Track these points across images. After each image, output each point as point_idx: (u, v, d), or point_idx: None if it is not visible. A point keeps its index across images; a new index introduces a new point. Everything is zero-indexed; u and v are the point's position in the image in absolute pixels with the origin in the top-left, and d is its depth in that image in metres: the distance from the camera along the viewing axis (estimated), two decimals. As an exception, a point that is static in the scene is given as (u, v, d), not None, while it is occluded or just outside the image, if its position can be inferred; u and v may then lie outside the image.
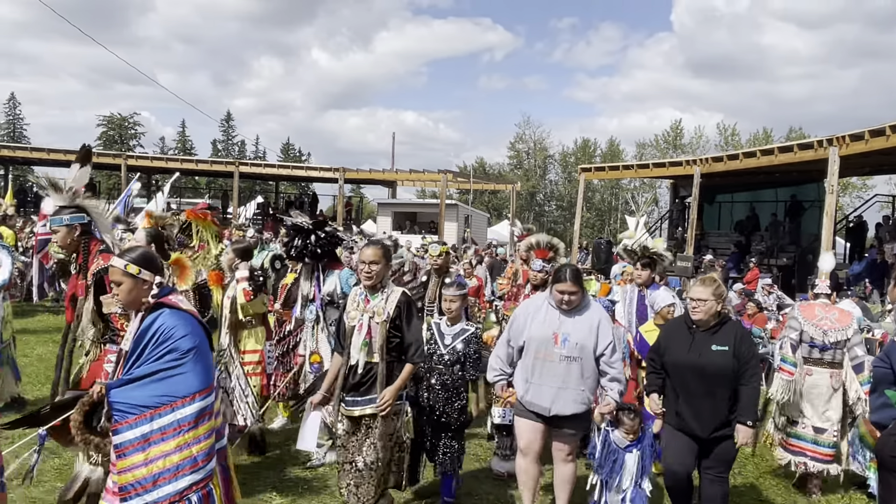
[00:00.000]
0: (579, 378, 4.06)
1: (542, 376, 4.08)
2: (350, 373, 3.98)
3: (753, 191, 20.00)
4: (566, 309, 4.10)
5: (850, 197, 41.25)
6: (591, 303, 4.25)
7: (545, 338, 4.09)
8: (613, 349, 4.10)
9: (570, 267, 4.19)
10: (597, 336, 4.07)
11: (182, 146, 58.70)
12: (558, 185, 58.07)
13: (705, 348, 3.91)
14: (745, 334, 4.06)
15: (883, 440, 2.23)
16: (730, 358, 3.87)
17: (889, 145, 11.76)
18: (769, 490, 5.59)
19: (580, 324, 4.09)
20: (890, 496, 2.16)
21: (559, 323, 4.09)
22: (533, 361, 4.12)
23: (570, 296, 4.04)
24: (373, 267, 3.96)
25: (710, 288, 3.98)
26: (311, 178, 32.24)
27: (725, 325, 4.02)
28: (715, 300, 3.96)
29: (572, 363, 4.05)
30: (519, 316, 4.29)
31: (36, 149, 27.33)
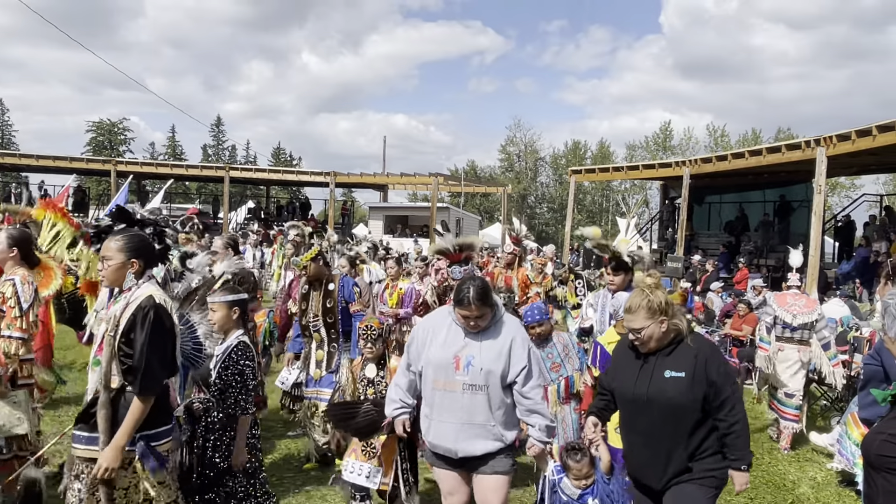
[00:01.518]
0: (486, 411, 3.30)
1: (443, 410, 3.34)
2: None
3: (742, 191, 20.12)
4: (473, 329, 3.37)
5: (839, 196, 41.53)
6: (506, 319, 3.43)
7: (444, 362, 3.33)
8: (528, 375, 3.31)
9: (475, 284, 3.30)
10: (507, 360, 3.31)
11: (172, 151, 58.44)
12: (549, 188, 58.18)
13: (656, 375, 2.97)
14: (710, 354, 3.02)
15: (869, 439, 2.23)
16: (686, 386, 2.90)
17: (876, 145, 11.87)
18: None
19: (488, 345, 3.33)
20: (875, 494, 2.16)
21: (463, 344, 3.34)
22: (432, 392, 3.39)
23: (475, 320, 3.30)
24: (106, 263, 3.04)
25: (642, 311, 2.97)
26: (303, 182, 32.17)
27: (682, 344, 3.01)
28: (656, 322, 2.97)
29: (477, 393, 3.29)
30: (418, 335, 3.53)
31: (24, 155, 27.17)
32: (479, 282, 3.34)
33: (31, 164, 25.75)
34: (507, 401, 3.36)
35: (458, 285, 3.37)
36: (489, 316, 3.34)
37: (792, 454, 6.57)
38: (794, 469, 6.15)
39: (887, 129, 11.48)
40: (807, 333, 6.57)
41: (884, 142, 11.63)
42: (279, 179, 31.77)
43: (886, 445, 2.07)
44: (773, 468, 6.15)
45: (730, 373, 3.08)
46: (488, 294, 3.31)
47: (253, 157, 61.25)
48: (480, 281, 3.37)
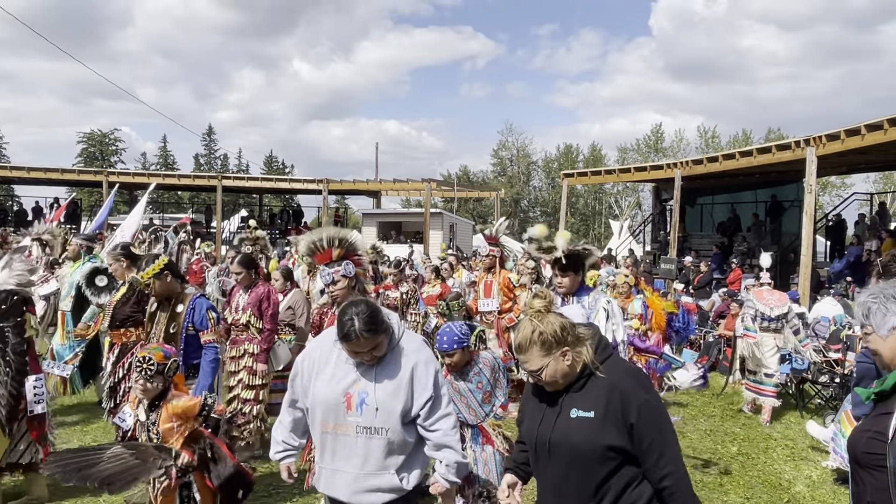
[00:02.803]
0: (386, 457, 2.78)
1: (336, 457, 2.83)
2: None
3: (734, 192, 20.23)
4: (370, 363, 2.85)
5: (830, 196, 41.79)
6: (404, 343, 2.88)
7: (333, 401, 2.79)
8: (435, 405, 2.82)
9: (359, 311, 2.70)
10: (409, 393, 2.79)
11: (164, 161, 58.29)
12: (542, 192, 58.32)
13: (562, 417, 2.39)
14: (628, 387, 2.33)
15: (855, 437, 2.23)
16: (595, 429, 2.30)
17: (864, 144, 11.95)
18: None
19: (385, 378, 2.79)
20: (863, 492, 2.17)
21: (354, 378, 2.80)
22: (321, 436, 2.87)
23: (369, 354, 2.76)
24: None
25: (534, 348, 2.37)
26: (295, 190, 32.17)
27: (592, 378, 2.38)
28: (555, 357, 2.36)
29: (373, 437, 2.75)
30: (303, 366, 2.96)
31: (15, 167, 27.04)
32: (363, 307, 2.73)
33: (22, 177, 25.62)
34: (411, 440, 2.83)
35: (338, 315, 2.78)
36: (385, 344, 2.79)
37: (787, 453, 6.61)
38: (790, 468, 6.17)
39: (876, 128, 11.56)
40: (781, 323, 7.74)
41: (872, 141, 11.72)
42: (272, 187, 31.77)
43: (873, 443, 2.09)
44: (769, 467, 6.18)
45: (656, 410, 2.33)
46: (378, 320, 2.73)
47: (245, 166, 61.08)
48: (365, 306, 2.75)
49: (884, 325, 2.15)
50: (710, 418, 7.87)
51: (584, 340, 2.39)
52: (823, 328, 9.84)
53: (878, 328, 2.15)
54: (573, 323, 2.43)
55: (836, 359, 8.55)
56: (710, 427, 7.49)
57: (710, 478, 5.86)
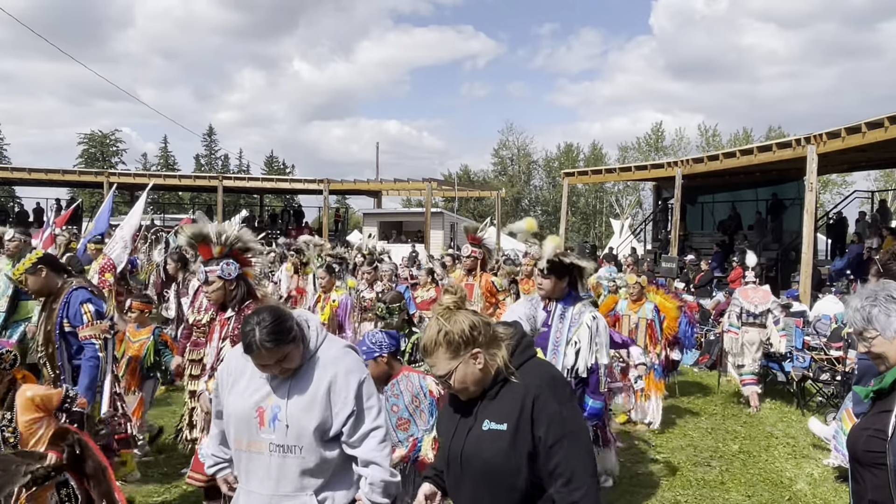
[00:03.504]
0: (301, 478, 2.50)
1: (250, 477, 2.57)
2: None
3: (735, 191, 20.22)
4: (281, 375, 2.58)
5: (831, 194, 41.76)
6: (322, 353, 2.60)
7: (246, 416, 2.54)
8: (358, 420, 2.52)
9: (261, 320, 2.45)
10: (325, 408, 2.50)
11: (164, 162, 58.30)
12: (543, 191, 58.28)
13: (475, 428, 2.14)
14: (543, 394, 2.07)
15: (854, 435, 2.22)
16: (507, 443, 2.05)
17: (865, 142, 11.96)
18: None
19: (297, 392, 2.52)
20: (864, 490, 2.18)
21: (267, 391, 2.55)
22: (235, 454, 2.64)
23: (278, 366, 2.50)
24: None
25: (440, 350, 2.13)
26: (296, 190, 32.21)
27: (507, 385, 2.13)
28: (465, 360, 2.11)
29: (287, 456, 2.49)
30: (222, 376, 2.75)
31: (16, 168, 27.08)
32: (265, 315, 2.47)
33: (23, 178, 25.68)
34: (331, 458, 2.54)
35: (242, 325, 2.55)
36: (297, 354, 2.52)
37: (789, 451, 6.61)
38: (791, 465, 6.18)
39: (876, 125, 11.57)
40: (764, 318, 8.30)
41: (873, 138, 11.72)
42: (273, 188, 31.79)
43: (872, 441, 2.09)
44: (770, 465, 6.19)
45: (569, 424, 2.04)
46: (283, 329, 2.46)
47: (246, 166, 61.05)
48: (268, 314, 2.48)
49: (889, 327, 2.15)
50: (712, 416, 7.88)
51: (499, 341, 2.14)
52: (824, 326, 9.85)
53: (884, 330, 2.15)
54: (488, 321, 2.17)
55: (838, 357, 8.55)
56: (712, 425, 7.50)
57: (712, 476, 5.86)
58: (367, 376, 2.62)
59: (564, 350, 4.12)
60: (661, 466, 6.07)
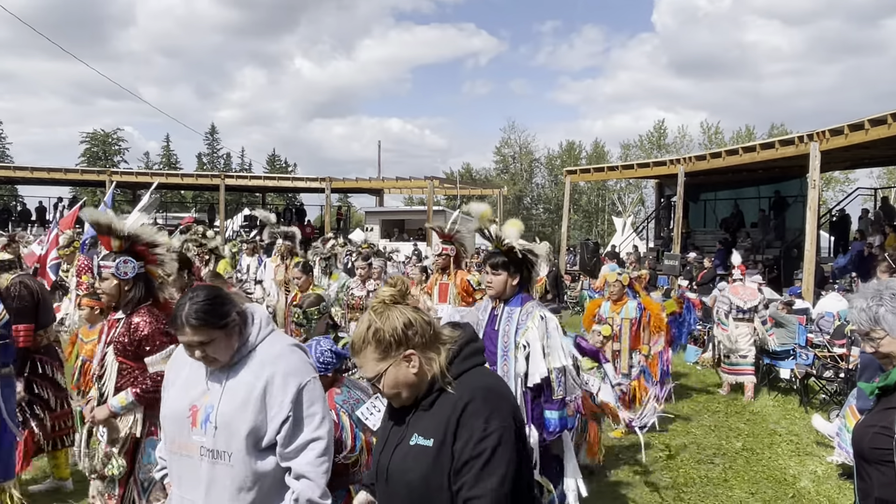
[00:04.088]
0: (231, 490, 2.24)
1: (182, 483, 2.35)
2: None
3: (737, 188, 20.19)
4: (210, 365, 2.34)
5: (834, 191, 41.70)
6: (261, 350, 2.34)
7: (179, 414, 2.33)
8: (294, 428, 2.25)
9: (196, 296, 2.29)
10: (259, 411, 2.24)
11: (167, 160, 58.36)
12: (545, 189, 58.25)
13: (404, 442, 1.92)
14: (472, 407, 1.82)
15: (860, 432, 2.21)
16: (432, 461, 1.83)
17: (868, 139, 11.92)
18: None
19: (231, 390, 2.28)
20: (870, 487, 2.17)
21: (204, 388, 2.32)
22: (169, 456, 2.43)
23: (200, 350, 2.26)
24: None
25: (369, 349, 1.90)
26: (298, 188, 32.21)
27: (443, 395, 1.89)
28: (396, 362, 1.88)
29: (217, 463, 2.25)
30: (168, 373, 2.55)
31: (19, 167, 27.13)
32: (202, 293, 2.30)
33: (25, 177, 25.72)
34: (266, 470, 2.27)
35: (177, 307, 2.34)
36: (226, 345, 2.29)
37: (792, 448, 6.61)
38: (795, 463, 6.17)
39: (879, 122, 11.54)
40: (752, 313, 8.71)
41: (876, 135, 11.69)
42: (275, 186, 31.83)
43: (879, 438, 2.08)
44: (774, 462, 6.18)
45: (489, 445, 1.76)
46: (215, 311, 2.26)
47: (248, 165, 61.14)
48: (207, 291, 2.32)
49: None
50: (715, 414, 7.88)
51: (440, 344, 1.91)
52: (828, 323, 9.84)
53: (892, 330, 2.13)
54: (430, 320, 1.93)
55: (841, 354, 8.54)
56: (715, 423, 7.49)
57: (715, 473, 5.86)
58: (310, 381, 2.32)
59: (514, 355, 3.65)
60: (664, 464, 6.07)
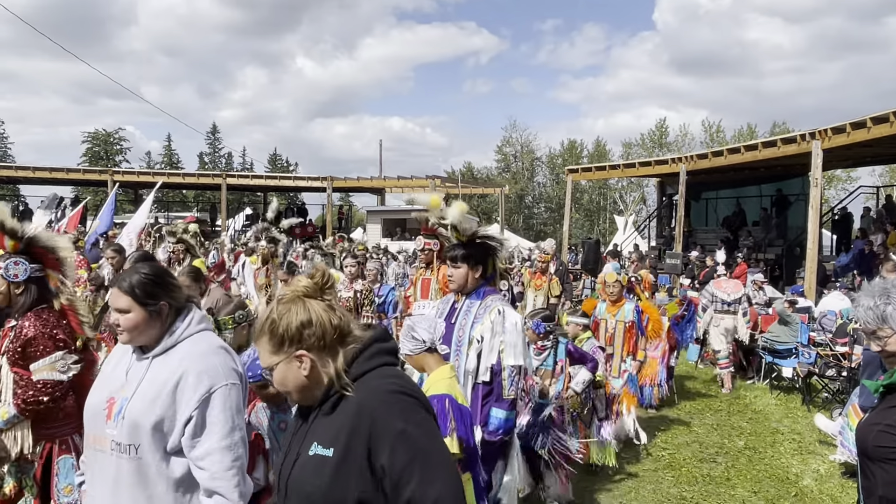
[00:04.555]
0: (137, 489, 2.10)
1: (94, 480, 2.21)
2: None
3: (739, 187, 20.18)
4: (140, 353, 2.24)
5: (836, 189, 41.64)
6: (190, 346, 2.22)
7: (97, 406, 2.20)
8: (199, 430, 2.09)
9: (140, 268, 2.28)
10: (168, 406, 2.10)
11: (168, 160, 58.38)
12: (546, 187, 58.21)
13: (303, 451, 1.75)
14: (380, 415, 1.66)
15: (864, 430, 2.20)
16: (330, 475, 1.65)
17: (870, 137, 11.90)
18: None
19: (148, 381, 2.16)
20: (874, 486, 2.16)
21: (124, 380, 2.20)
22: (86, 454, 2.29)
23: (122, 324, 2.19)
24: None
25: (264, 339, 1.77)
26: (300, 188, 32.23)
27: (344, 400, 1.72)
28: (288, 358, 1.75)
29: (122, 458, 2.10)
30: (104, 367, 2.43)
31: (21, 167, 27.16)
32: (149, 268, 2.28)
33: (27, 177, 25.74)
34: (176, 476, 2.12)
35: None
36: (143, 325, 2.19)
37: (795, 447, 6.60)
38: (797, 462, 6.16)
39: (881, 120, 11.51)
40: (735, 307, 9.12)
41: (878, 133, 11.66)
42: (276, 185, 31.84)
43: (883, 436, 2.08)
44: (776, 461, 6.17)
45: (420, 442, 1.64)
46: (149, 289, 2.20)
47: (249, 164, 61.19)
48: (156, 268, 2.31)
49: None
50: (717, 412, 7.87)
51: (339, 348, 1.76)
52: (830, 322, 9.82)
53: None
54: (338, 323, 1.76)
55: (843, 352, 8.53)
56: (717, 421, 7.48)
57: (718, 472, 5.85)
58: (227, 385, 2.15)
59: (467, 351, 3.45)
60: (666, 463, 6.06)
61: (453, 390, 2.92)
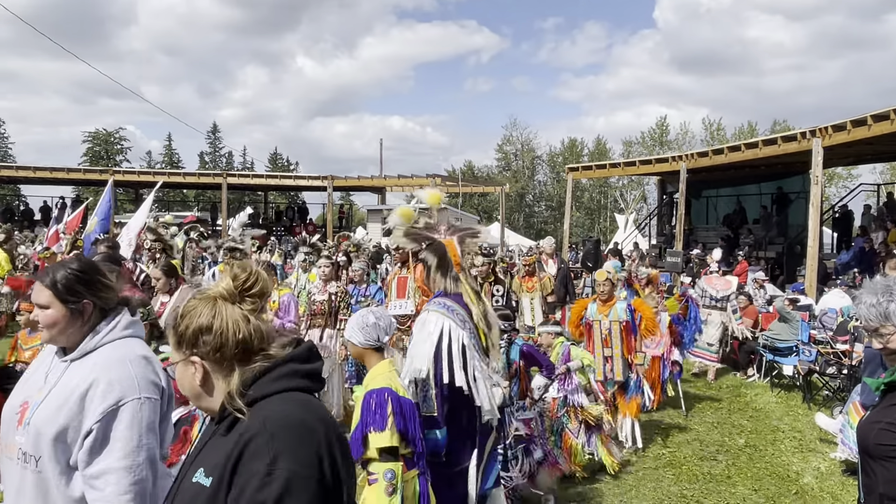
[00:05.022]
0: (38, 501, 1.95)
1: (6, 488, 2.06)
2: None
3: (739, 185, 20.16)
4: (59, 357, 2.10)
5: (836, 187, 41.61)
6: (106, 354, 2.05)
7: (11, 410, 2.07)
8: (98, 446, 1.91)
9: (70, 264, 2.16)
10: (74, 415, 1.92)
11: (169, 159, 58.37)
12: (547, 186, 58.17)
13: (187, 477, 1.56)
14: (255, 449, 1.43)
15: (865, 428, 2.20)
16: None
17: (871, 134, 11.88)
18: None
19: (60, 388, 2.00)
20: (874, 483, 2.17)
21: (41, 383, 2.06)
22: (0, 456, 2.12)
23: (36, 307, 2.09)
24: None
25: (170, 330, 1.66)
26: (300, 187, 32.22)
27: (239, 422, 1.51)
28: (183, 361, 1.61)
29: (26, 468, 1.96)
30: None
31: (21, 167, 27.15)
32: (78, 265, 2.13)
33: (28, 177, 25.71)
34: (78, 496, 1.94)
35: None
36: (58, 322, 2.05)
37: (795, 444, 6.60)
38: (798, 459, 6.17)
39: (882, 118, 11.50)
40: (725, 303, 9.55)
41: (879, 131, 11.65)
42: (277, 185, 31.81)
43: (884, 434, 2.08)
44: (777, 459, 6.18)
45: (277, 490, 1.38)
46: (71, 286, 2.06)
47: (250, 163, 61.19)
48: (84, 266, 2.15)
49: None
50: (718, 410, 7.87)
51: (235, 363, 1.55)
52: (830, 320, 9.82)
53: None
54: (245, 337, 1.56)
55: (844, 350, 8.53)
56: (718, 419, 7.49)
57: (718, 470, 5.86)
58: (142, 400, 1.95)
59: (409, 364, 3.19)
60: (668, 460, 6.07)
61: (392, 383, 2.90)
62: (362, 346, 3.07)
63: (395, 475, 2.75)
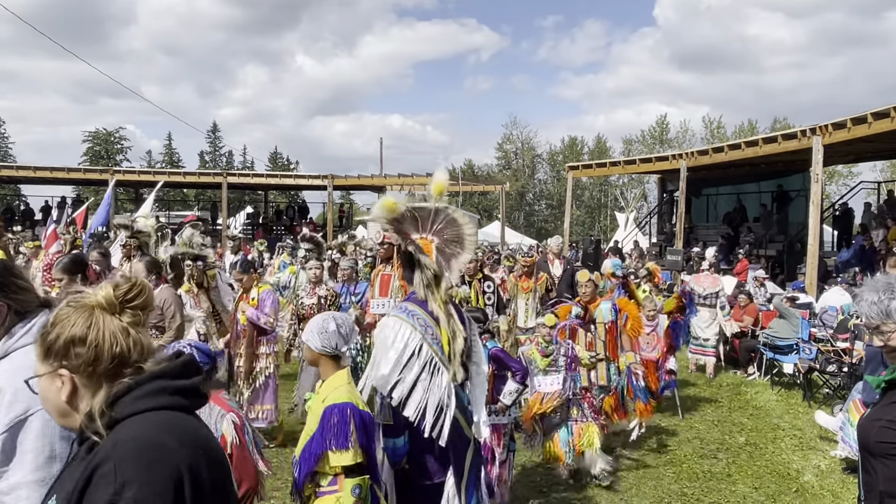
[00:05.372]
0: None
1: None
2: None
3: (740, 183, 20.15)
4: None
5: (837, 185, 41.58)
6: (10, 363, 1.94)
7: None
8: (9, 457, 1.84)
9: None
10: None
11: (169, 159, 58.37)
12: (547, 184, 58.20)
13: (48, 499, 1.48)
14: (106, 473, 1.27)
15: (866, 426, 2.20)
16: None
17: (871, 132, 11.87)
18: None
19: None
20: (875, 481, 2.17)
21: None
22: None
23: None
24: None
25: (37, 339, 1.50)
26: (301, 186, 32.20)
27: (98, 446, 1.36)
28: (45, 370, 1.46)
29: None
30: None
31: (21, 167, 27.15)
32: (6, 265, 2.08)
33: (28, 176, 25.70)
34: None
35: None
36: None
37: (795, 442, 6.61)
38: (798, 457, 6.17)
39: (882, 116, 11.49)
40: (714, 300, 9.76)
41: (879, 129, 11.64)
42: (277, 184, 31.79)
43: (885, 432, 2.08)
44: (777, 457, 6.18)
45: None
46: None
47: (250, 163, 61.21)
48: (11, 268, 2.11)
49: None
50: (718, 409, 7.87)
51: (103, 379, 1.41)
52: (831, 318, 9.83)
53: None
54: (123, 351, 1.43)
55: (844, 348, 8.53)
56: (718, 417, 7.49)
57: (719, 468, 5.86)
58: (47, 422, 1.78)
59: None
60: (668, 459, 6.07)
61: (353, 397, 2.80)
62: (318, 352, 2.93)
63: (362, 489, 2.71)
